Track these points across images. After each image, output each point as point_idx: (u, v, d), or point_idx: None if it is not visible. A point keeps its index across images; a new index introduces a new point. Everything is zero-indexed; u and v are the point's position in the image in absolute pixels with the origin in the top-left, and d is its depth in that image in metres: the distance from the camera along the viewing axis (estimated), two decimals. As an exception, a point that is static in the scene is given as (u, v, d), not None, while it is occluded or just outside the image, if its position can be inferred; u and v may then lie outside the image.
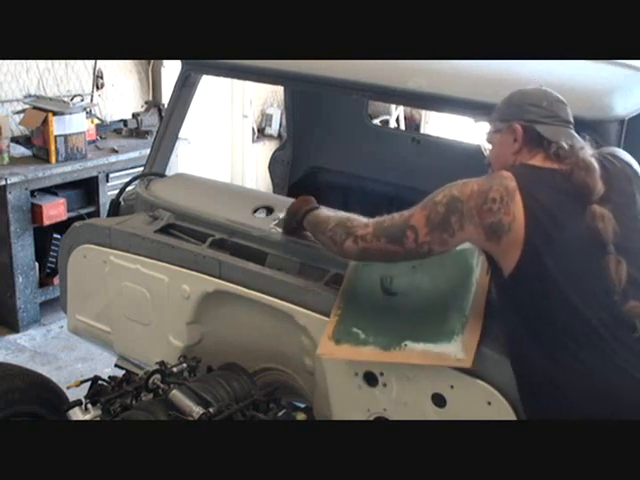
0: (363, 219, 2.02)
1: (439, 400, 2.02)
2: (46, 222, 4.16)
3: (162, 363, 2.32)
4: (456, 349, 1.93)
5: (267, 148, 6.14)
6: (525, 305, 1.81)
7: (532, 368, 1.81)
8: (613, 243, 1.75)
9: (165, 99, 5.13)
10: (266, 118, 6.40)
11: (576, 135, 1.91)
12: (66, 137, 4.21)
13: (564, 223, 1.78)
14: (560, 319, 1.75)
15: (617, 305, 1.72)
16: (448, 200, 1.85)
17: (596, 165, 1.82)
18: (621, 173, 1.88)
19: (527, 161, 1.90)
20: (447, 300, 2.08)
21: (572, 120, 1.92)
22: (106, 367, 3.52)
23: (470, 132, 4.77)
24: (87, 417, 2.27)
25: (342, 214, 2.13)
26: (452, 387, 1.99)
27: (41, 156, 4.24)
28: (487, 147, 2.04)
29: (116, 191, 3.08)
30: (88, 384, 2.43)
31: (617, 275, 1.73)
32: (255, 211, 2.60)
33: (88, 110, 4.58)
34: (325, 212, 2.23)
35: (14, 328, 4.26)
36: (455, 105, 2.25)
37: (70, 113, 4.22)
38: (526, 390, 1.86)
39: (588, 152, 1.86)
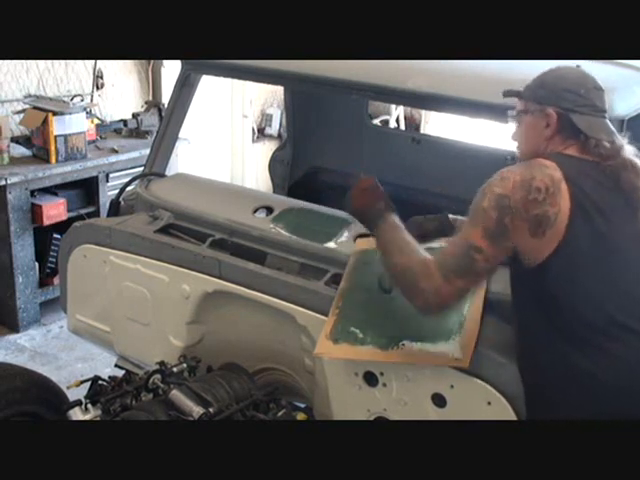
0: (421, 259, 1.79)
1: (439, 400, 2.02)
2: (46, 222, 4.15)
3: (162, 363, 2.33)
4: (454, 349, 1.92)
5: (267, 148, 6.12)
6: (551, 295, 1.74)
7: (553, 360, 1.76)
8: None
9: (165, 99, 5.12)
10: (266, 118, 6.39)
11: (612, 128, 1.83)
12: (66, 137, 4.20)
13: (611, 219, 1.73)
14: (588, 311, 1.71)
15: None
16: (495, 201, 1.71)
17: None
18: None
19: (563, 150, 1.81)
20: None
21: (607, 108, 1.84)
22: (106, 367, 3.51)
23: (470, 132, 4.78)
24: (87, 417, 2.27)
25: (404, 247, 1.86)
26: (452, 387, 1.99)
27: (41, 156, 4.23)
28: (511, 122, 1.92)
29: (116, 191, 3.07)
30: (88, 384, 2.44)
31: None
32: (255, 211, 2.60)
33: (88, 110, 4.57)
34: (388, 234, 1.93)
35: (14, 328, 4.25)
36: (455, 105, 2.24)
37: (70, 113, 4.21)
38: (541, 383, 1.81)
39: (630, 151, 1.80)
